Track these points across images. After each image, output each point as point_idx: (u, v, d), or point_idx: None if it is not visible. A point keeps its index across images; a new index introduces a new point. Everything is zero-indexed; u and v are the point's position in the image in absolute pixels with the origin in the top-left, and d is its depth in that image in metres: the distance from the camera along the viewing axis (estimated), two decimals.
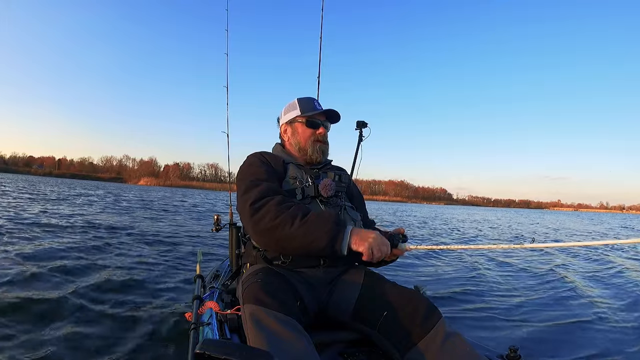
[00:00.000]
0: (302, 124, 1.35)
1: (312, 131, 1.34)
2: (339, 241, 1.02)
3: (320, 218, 1.05)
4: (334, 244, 1.02)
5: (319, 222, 1.03)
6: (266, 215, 1.06)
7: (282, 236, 1.04)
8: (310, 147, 1.34)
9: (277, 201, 1.08)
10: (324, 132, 1.35)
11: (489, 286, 3.72)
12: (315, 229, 1.02)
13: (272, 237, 1.06)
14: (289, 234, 1.03)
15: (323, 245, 1.02)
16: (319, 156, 1.34)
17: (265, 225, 1.05)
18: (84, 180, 71.82)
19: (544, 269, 5.03)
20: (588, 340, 2.31)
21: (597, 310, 2.99)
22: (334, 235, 1.02)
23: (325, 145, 1.37)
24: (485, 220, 20.28)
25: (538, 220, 24.64)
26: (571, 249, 7.98)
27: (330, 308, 1.18)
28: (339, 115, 1.39)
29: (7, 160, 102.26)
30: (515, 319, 2.65)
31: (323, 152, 1.36)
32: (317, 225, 1.03)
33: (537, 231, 12.96)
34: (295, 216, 1.04)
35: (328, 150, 1.40)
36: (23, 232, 4.64)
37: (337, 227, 1.03)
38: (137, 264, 3.41)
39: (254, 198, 1.10)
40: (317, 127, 1.34)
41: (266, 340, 0.85)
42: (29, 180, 31.56)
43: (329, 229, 1.02)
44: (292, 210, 1.06)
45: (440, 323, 1.00)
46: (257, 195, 1.10)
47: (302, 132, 1.35)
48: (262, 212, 1.07)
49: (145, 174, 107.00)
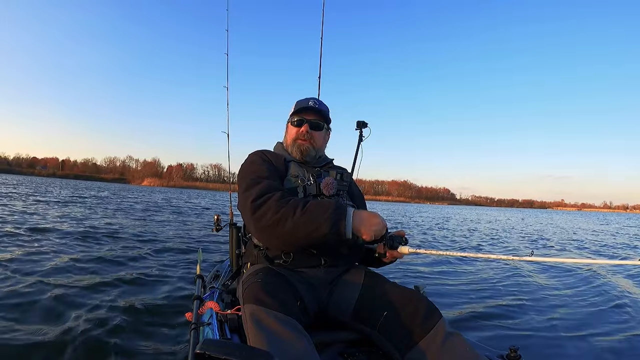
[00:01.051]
0: (290, 123, 1.39)
1: (296, 129, 1.37)
2: (342, 224, 1.01)
3: (321, 205, 1.05)
4: (338, 228, 1.01)
5: (319, 209, 1.03)
6: (268, 211, 1.06)
7: (285, 230, 1.03)
8: (292, 145, 1.36)
9: (277, 197, 1.08)
10: (305, 130, 1.34)
11: (489, 286, 3.71)
12: (317, 216, 1.02)
13: (274, 232, 1.06)
14: (291, 226, 1.03)
15: (326, 230, 1.01)
16: (298, 155, 1.35)
17: (267, 222, 1.05)
18: (88, 181, 72.15)
19: (544, 268, 5.00)
20: (588, 339, 2.29)
21: (598, 310, 2.98)
22: (336, 220, 1.01)
23: (307, 143, 1.35)
24: (497, 220, 20.04)
25: (549, 220, 24.15)
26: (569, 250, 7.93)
27: (331, 308, 1.18)
28: (325, 110, 1.39)
29: (10, 161, 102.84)
30: (516, 318, 2.64)
31: (302, 152, 1.34)
32: (318, 212, 1.03)
33: (556, 232, 12.48)
34: (295, 207, 1.04)
35: (314, 150, 1.37)
36: (24, 237, 4.67)
37: (339, 211, 1.03)
38: (137, 264, 3.43)
39: (255, 195, 1.10)
40: (301, 125, 1.36)
41: (266, 340, 0.85)
42: (35, 181, 31.72)
43: (330, 214, 1.02)
44: (292, 203, 1.06)
45: (441, 323, 0.99)
46: (258, 192, 1.10)
47: (289, 130, 1.40)
48: (263, 208, 1.07)
49: (148, 174, 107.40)
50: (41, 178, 59.88)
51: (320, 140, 1.40)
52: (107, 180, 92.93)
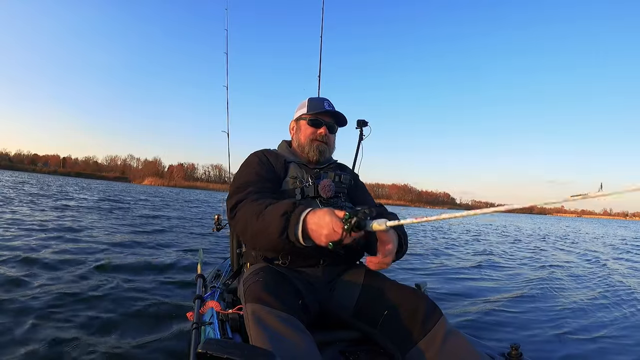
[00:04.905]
0: (306, 122, 1.36)
1: (313, 130, 1.34)
2: (291, 231, 0.93)
3: (275, 208, 0.99)
4: (288, 235, 0.94)
5: (272, 214, 0.98)
6: (241, 217, 1.07)
7: (251, 235, 1.05)
8: (308, 145, 1.34)
9: (249, 201, 1.09)
10: (324, 132, 1.34)
11: (489, 284, 3.71)
12: (269, 221, 0.97)
13: (245, 238, 1.10)
14: (253, 232, 1.03)
15: (276, 237, 0.95)
16: (316, 156, 1.34)
17: (240, 228, 1.08)
18: (89, 179, 72.11)
19: (544, 266, 5.00)
20: (589, 339, 2.29)
21: (601, 307, 2.98)
22: (284, 226, 0.94)
23: (325, 145, 1.35)
24: (512, 225, 19.53)
25: (570, 227, 22.80)
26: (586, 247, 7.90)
27: (331, 307, 1.18)
28: (345, 118, 1.39)
29: (12, 157, 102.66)
30: (517, 316, 2.65)
31: (320, 153, 1.34)
32: (270, 217, 0.98)
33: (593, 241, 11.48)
34: (257, 213, 1.02)
35: (329, 152, 1.38)
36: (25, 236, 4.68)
37: (287, 216, 0.94)
38: (137, 264, 3.43)
39: (234, 202, 1.12)
40: (319, 126, 1.34)
41: (268, 339, 0.85)
42: (45, 180, 31.74)
43: (279, 220, 0.95)
44: (256, 208, 1.03)
45: (441, 321, 1.00)
46: (237, 199, 1.12)
47: (304, 129, 1.36)
48: (238, 215, 1.09)
49: (149, 174, 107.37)
50: (43, 175, 59.91)
51: (333, 143, 1.41)
52: (109, 178, 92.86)
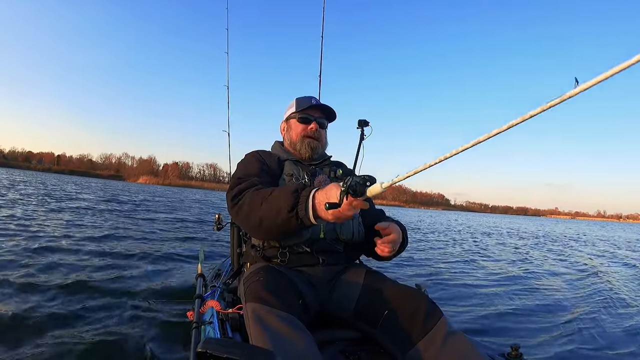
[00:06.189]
0: (295, 120, 1.38)
1: (303, 126, 1.37)
2: (302, 206, 0.93)
3: (284, 189, 1.01)
4: (298, 211, 0.93)
5: (280, 194, 1.00)
6: (243, 205, 1.08)
7: (255, 220, 1.05)
8: (300, 142, 1.36)
9: (252, 190, 1.10)
10: (315, 128, 1.36)
11: (490, 285, 3.73)
12: (277, 201, 0.98)
13: (248, 224, 1.09)
14: (258, 215, 1.03)
15: (285, 215, 0.95)
16: (308, 152, 1.35)
17: (242, 216, 1.09)
18: (83, 177, 71.42)
19: (543, 265, 5.03)
20: (589, 339, 2.31)
21: (601, 310, 3.00)
22: (295, 202, 0.94)
23: (316, 141, 1.37)
24: (512, 227, 19.32)
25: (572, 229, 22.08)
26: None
27: (332, 306, 1.18)
28: (333, 111, 1.40)
29: (6, 154, 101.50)
30: (517, 317, 2.66)
31: (312, 149, 1.36)
32: (278, 197, 0.99)
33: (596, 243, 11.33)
34: (263, 196, 1.04)
35: (321, 147, 1.40)
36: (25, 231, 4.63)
37: (297, 194, 0.95)
38: (138, 264, 3.41)
39: (236, 192, 1.13)
40: (309, 122, 1.36)
41: (268, 339, 0.84)
42: (46, 179, 31.42)
43: (290, 197, 0.95)
44: (261, 193, 1.06)
45: (442, 322, 1.00)
46: (239, 189, 1.13)
47: (295, 127, 1.39)
48: (239, 203, 1.10)
49: (144, 172, 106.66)
50: (37, 172, 59.24)
51: (324, 139, 1.43)
52: (103, 176, 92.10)
